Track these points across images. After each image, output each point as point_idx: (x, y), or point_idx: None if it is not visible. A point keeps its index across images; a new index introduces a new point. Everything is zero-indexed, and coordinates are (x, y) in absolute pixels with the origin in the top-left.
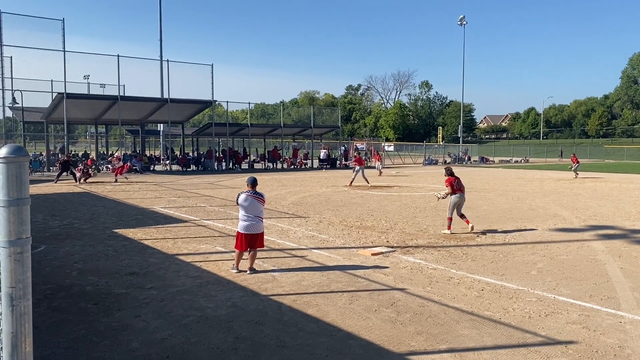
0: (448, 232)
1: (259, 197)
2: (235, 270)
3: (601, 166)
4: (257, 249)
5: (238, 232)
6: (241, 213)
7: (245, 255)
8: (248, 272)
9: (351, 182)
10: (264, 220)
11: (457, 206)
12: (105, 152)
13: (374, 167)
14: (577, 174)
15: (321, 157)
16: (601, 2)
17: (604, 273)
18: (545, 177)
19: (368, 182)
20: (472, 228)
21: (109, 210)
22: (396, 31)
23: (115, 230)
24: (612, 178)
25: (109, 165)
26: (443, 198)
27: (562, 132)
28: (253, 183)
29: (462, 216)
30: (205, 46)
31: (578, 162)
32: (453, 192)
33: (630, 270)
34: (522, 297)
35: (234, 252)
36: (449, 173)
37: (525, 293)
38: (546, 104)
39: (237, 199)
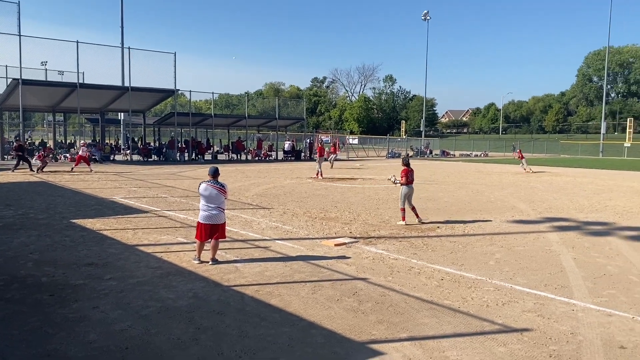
0: (403, 223)
1: (219, 187)
2: (197, 261)
3: (557, 161)
4: (219, 240)
5: (198, 222)
6: (201, 203)
7: (208, 246)
8: (210, 262)
9: (318, 174)
10: (226, 211)
11: (408, 197)
12: (63, 141)
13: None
14: (529, 168)
15: (286, 149)
16: (559, 2)
17: (558, 263)
18: (503, 171)
19: (321, 175)
20: (420, 222)
21: (67, 200)
22: (361, 24)
23: (73, 221)
24: (567, 172)
25: (67, 154)
26: (394, 183)
27: (521, 127)
28: (214, 173)
29: (413, 208)
30: (169, 35)
31: (523, 157)
32: (406, 183)
33: (583, 260)
34: (480, 286)
35: (195, 242)
36: (406, 163)
37: (483, 282)
38: (506, 99)
39: (199, 189)
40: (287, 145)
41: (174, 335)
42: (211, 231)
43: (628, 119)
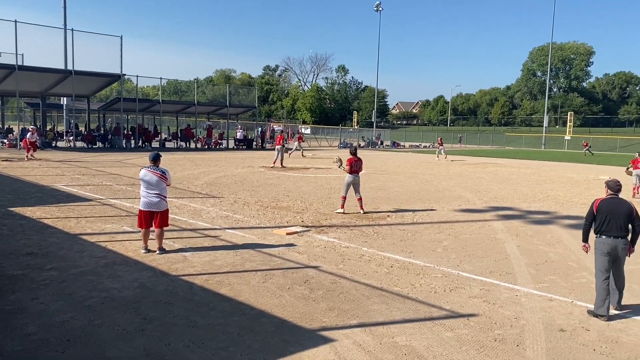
0: (341, 210)
1: (160, 173)
2: (144, 251)
3: (502, 152)
4: (163, 228)
5: (139, 210)
6: (142, 189)
7: (154, 235)
8: (157, 252)
9: (274, 162)
10: (175, 200)
11: (353, 186)
12: (1, 126)
13: (290, 149)
14: (446, 156)
15: (238, 138)
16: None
17: (502, 250)
18: (451, 162)
19: (274, 163)
20: (363, 213)
21: (4, 188)
22: (314, 13)
23: (12, 209)
24: (512, 163)
25: (5, 140)
26: (338, 167)
27: (468, 119)
28: (154, 159)
29: (359, 199)
30: (115, 17)
31: (442, 145)
32: (350, 172)
33: (526, 248)
34: (428, 273)
35: (140, 232)
36: (352, 153)
37: (431, 269)
38: (454, 92)
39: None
40: (239, 133)
41: (119, 326)
42: (152, 218)
43: (569, 113)
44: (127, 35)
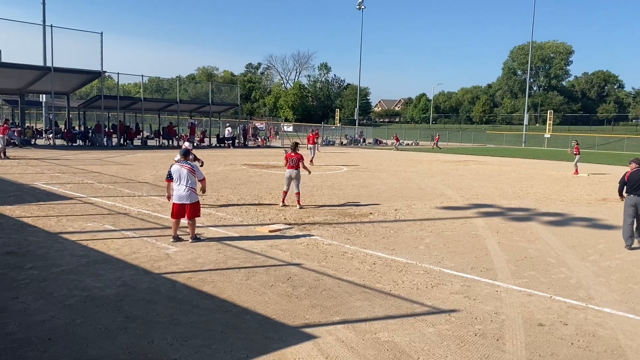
0: (280, 205)
1: (189, 167)
2: (172, 240)
3: (483, 150)
4: (194, 218)
5: (173, 203)
6: (174, 183)
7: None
8: (190, 241)
9: (311, 160)
10: (156, 197)
11: (294, 181)
12: None
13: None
14: (396, 148)
15: (226, 136)
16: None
17: (483, 247)
18: (433, 159)
19: (311, 162)
20: (300, 207)
21: None
22: (296, 10)
23: None
24: (492, 161)
25: None
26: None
27: (450, 117)
28: (184, 154)
29: (297, 194)
30: (95, 14)
31: (398, 140)
32: (286, 167)
33: (506, 244)
34: (410, 270)
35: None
36: (291, 149)
37: (413, 266)
38: (436, 90)
39: (170, 169)
40: (227, 131)
41: (101, 325)
42: (182, 210)
43: (548, 112)
44: (108, 31)
